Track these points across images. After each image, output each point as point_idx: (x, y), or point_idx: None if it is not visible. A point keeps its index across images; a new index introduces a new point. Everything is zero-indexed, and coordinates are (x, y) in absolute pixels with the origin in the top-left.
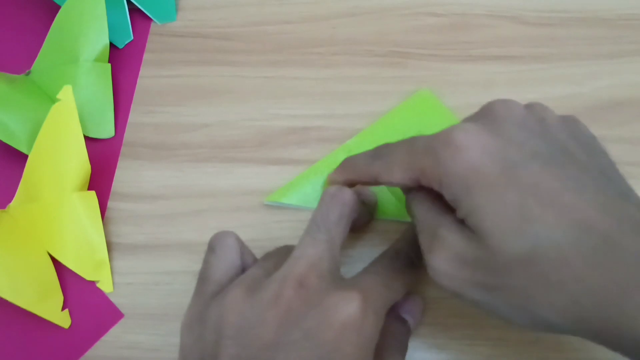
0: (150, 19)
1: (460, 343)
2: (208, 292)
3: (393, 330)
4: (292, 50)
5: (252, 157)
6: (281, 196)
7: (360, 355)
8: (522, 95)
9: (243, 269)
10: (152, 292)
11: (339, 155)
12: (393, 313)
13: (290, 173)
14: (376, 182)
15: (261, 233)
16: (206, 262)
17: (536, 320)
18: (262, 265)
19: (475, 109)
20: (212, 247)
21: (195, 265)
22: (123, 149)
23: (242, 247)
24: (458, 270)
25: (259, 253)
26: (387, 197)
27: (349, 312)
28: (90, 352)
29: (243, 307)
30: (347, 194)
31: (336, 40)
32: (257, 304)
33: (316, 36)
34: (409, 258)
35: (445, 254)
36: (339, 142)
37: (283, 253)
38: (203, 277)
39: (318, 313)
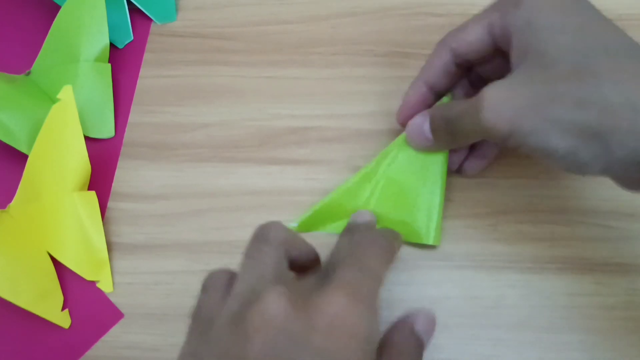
0: (150, 19)
1: (460, 342)
2: (200, 331)
3: (409, 347)
4: (292, 50)
5: (252, 157)
6: (309, 226)
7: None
8: None
9: None
10: (152, 292)
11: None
12: (409, 329)
13: (290, 173)
14: (451, 50)
15: None
16: (198, 301)
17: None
18: (242, 290)
19: None
20: (204, 287)
21: (195, 265)
22: (123, 149)
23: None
24: (515, 101)
25: None
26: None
27: (335, 311)
28: (90, 352)
29: (228, 339)
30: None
31: (336, 40)
32: (241, 331)
33: (316, 36)
34: (369, 229)
35: (498, 90)
36: (338, 142)
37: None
38: (195, 317)
39: (301, 320)
